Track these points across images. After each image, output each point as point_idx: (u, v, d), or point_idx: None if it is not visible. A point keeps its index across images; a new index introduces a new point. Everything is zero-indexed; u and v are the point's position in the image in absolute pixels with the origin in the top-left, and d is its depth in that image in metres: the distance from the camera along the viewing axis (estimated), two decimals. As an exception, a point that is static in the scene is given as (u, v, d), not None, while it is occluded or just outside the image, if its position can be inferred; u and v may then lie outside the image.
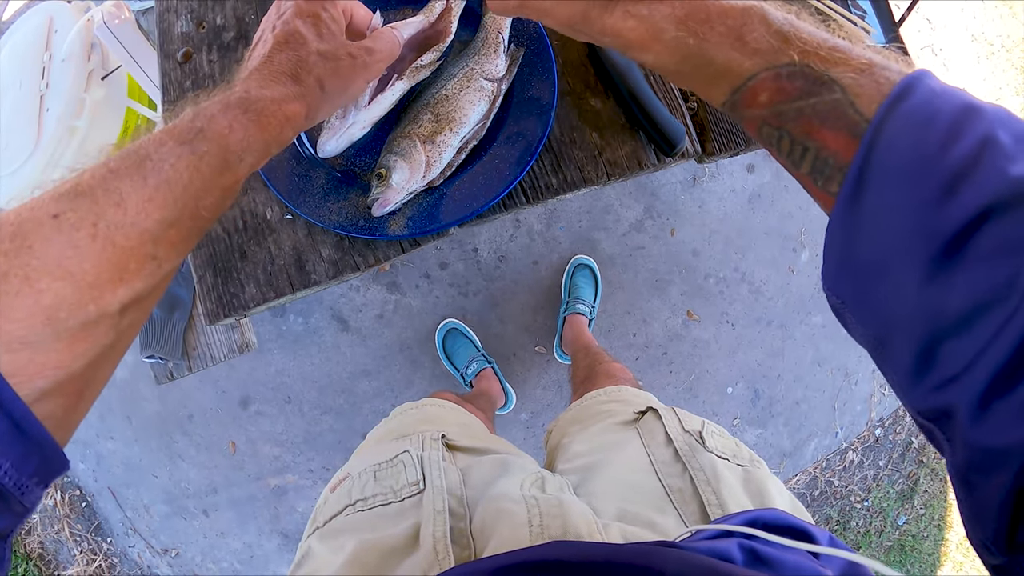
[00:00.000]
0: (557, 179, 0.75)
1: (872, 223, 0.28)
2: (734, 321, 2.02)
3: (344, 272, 0.74)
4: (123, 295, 0.35)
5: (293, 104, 0.47)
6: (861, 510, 2.11)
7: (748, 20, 0.34)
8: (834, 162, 0.31)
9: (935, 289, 0.26)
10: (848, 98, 0.30)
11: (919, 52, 2.27)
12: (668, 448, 0.64)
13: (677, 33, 0.36)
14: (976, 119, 0.27)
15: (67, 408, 0.34)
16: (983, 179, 0.25)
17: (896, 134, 0.28)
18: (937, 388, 0.28)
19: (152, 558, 1.98)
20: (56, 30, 1.29)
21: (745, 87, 0.34)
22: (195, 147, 0.39)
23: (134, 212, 0.35)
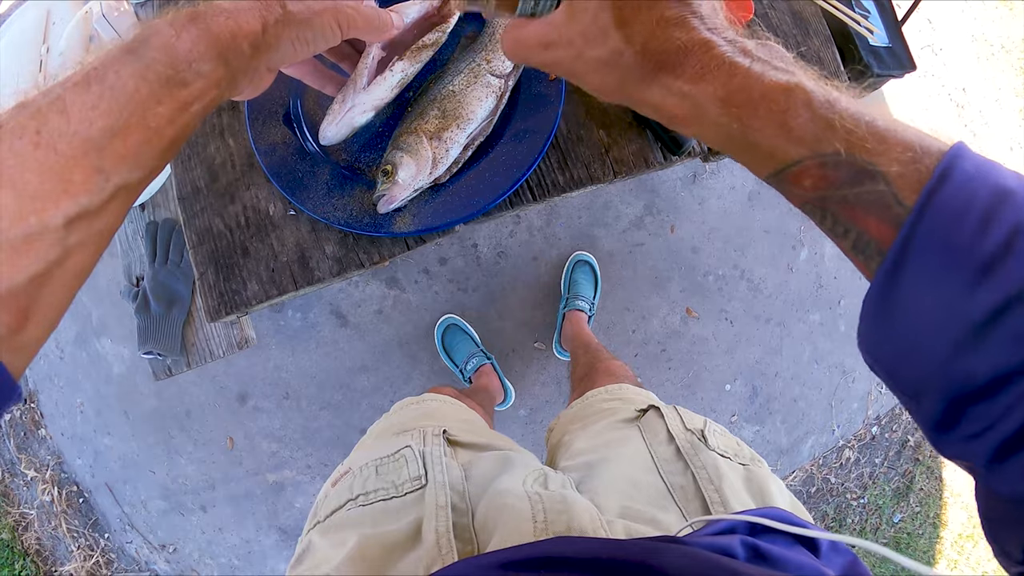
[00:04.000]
0: (564, 177, 0.75)
1: (907, 303, 0.30)
2: (733, 318, 2.02)
3: (348, 269, 0.73)
4: (67, 208, 0.34)
5: (246, 14, 0.45)
6: (857, 507, 2.12)
7: (791, 104, 0.33)
8: (875, 246, 0.32)
9: (961, 363, 0.29)
10: (892, 190, 0.30)
11: (920, 51, 2.27)
12: (670, 446, 0.64)
13: (719, 116, 0.35)
14: (1007, 206, 0.28)
15: (10, 326, 0.33)
16: (1011, 270, 0.27)
17: (932, 223, 0.29)
18: (961, 441, 0.31)
19: (150, 554, 1.97)
20: (54, 22, 1.27)
21: (788, 170, 0.34)
22: (140, 55, 0.38)
23: (77, 120, 0.34)
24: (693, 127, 0.38)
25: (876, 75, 1.19)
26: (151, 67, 0.38)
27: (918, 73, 2.24)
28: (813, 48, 0.86)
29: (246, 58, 0.45)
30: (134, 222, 1.49)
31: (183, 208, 0.78)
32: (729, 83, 0.34)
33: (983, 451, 0.30)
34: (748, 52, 0.35)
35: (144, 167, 0.39)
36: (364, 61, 0.64)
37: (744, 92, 0.34)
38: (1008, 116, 2.36)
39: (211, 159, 0.78)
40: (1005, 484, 0.30)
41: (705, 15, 0.36)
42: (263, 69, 0.49)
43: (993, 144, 2.32)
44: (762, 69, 0.34)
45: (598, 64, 0.39)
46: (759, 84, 0.34)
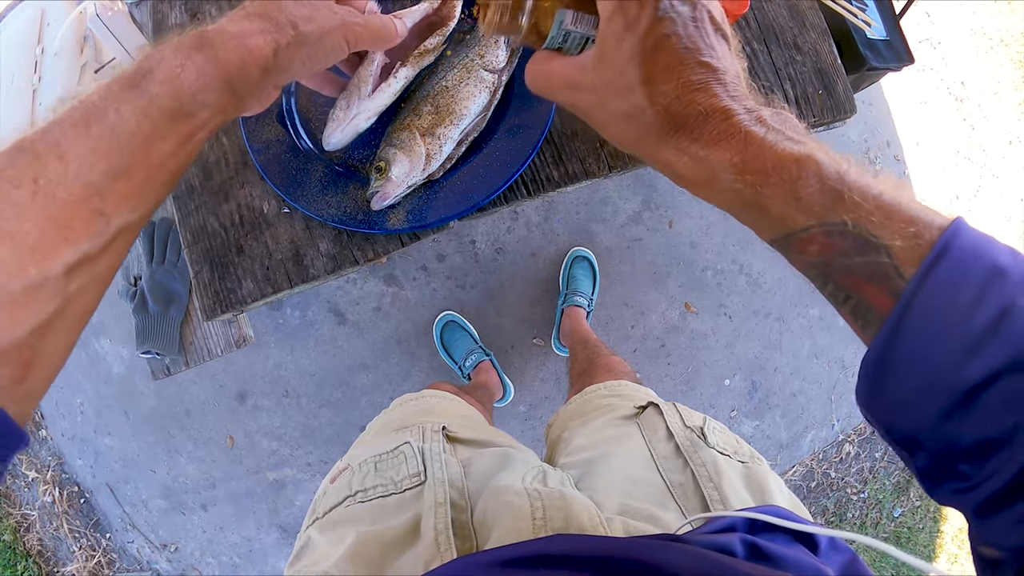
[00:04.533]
0: (558, 172, 0.75)
1: (901, 369, 0.32)
2: (732, 313, 2.02)
3: (343, 266, 0.73)
4: (68, 256, 0.33)
5: (257, 38, 0.43)
6: (857, 502, 2.12)
7: (803, 174, 0.34)
8: (875, 312, 0.33)
9: (950, 427, 0.31)
10: (893, 263, 0.32)
11: (918, 45, 2.26)
12: (669, 443, 0.64)
13: (732, 183, 0.35)
14: (999, 286, 0.30)
15: (13, 378, 0.33)
16: (999, 345, 0.29)
17: (929, 298, 0.31)
18: (951, 493, 0.33)
19: (151, 553, 1.98)
20: (48, 23, 1.27)
21: (795, 237, 0.35)
22: (143, 89, 0.37)
23: (76, 164, 0.34)
24: (704, 190, 0.38)
25: (874, 68, 1.18)
26: (154, 102, 0.37)
27: (917, 67, 2.24)
28: (809, 41, 0.86)
29: (255, 83, 0.44)
30: (131, 221, 1.49)
31: (177, 207, 0.78)
32: (745, 151, 0.35)
33: (970, 505, 0.32)
34: (764, 121, 0.36)
35: (146, 204, 0.39)
36: (367, 68, 0.63)
37: (758, 160, 0.34)
38: (1007, 110, 2.35)
39: (205, 157, 0.78)
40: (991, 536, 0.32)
41: (728, 83, 0.36)
42: (271, 88, 0.49)
43: (992, 138, 2.31)
44: (776, 139, 0.35)
45: (619, 116, 0.39)
46: (772, 153, 0.34)
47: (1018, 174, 2.32)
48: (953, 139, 2.29)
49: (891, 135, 2.20)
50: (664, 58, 0.36)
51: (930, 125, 2.26)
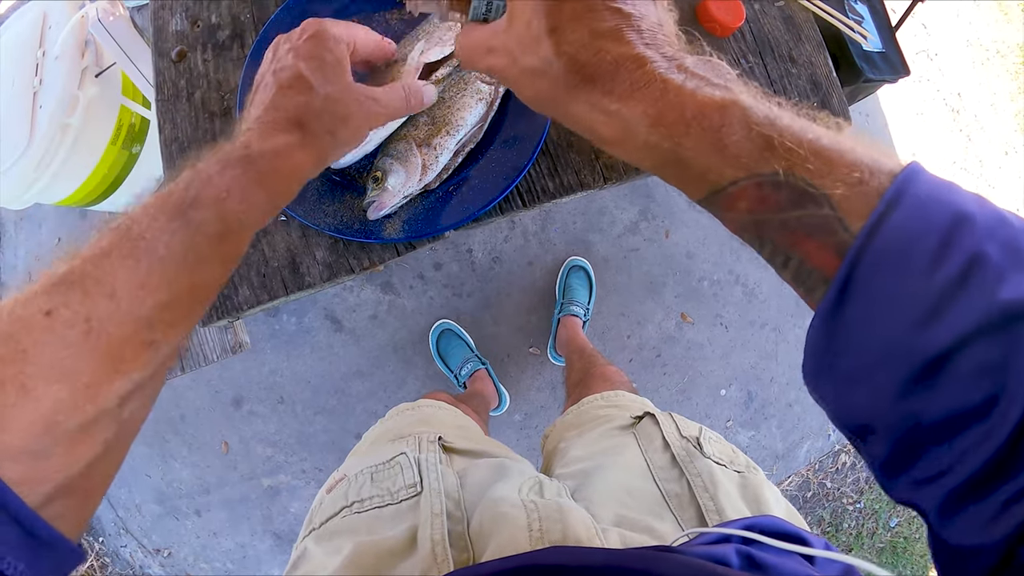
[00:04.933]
0: (554, 183, 0.75)
1: (853, 337, 0.28)
2: (728, 324, 2.02)
3: (339, 275, 0.73)
4: (121, 387, 0.34)
5: (299, 153, 0.45)
6: (853, 512, 2.12)
7: (727, 120, 0.30)
8: (818, 275, 0.30)
9: (913, 402, 0.27)
10: (837, 215, 0.28)
11: (914, 56, 2.28)
12: (666, 453, 0.64)
13: (649, 136, 0.32)
14: (965, 232, 0.26)
15: (76, 506, 0.34)
16: (970, 303, 0.25)
17: (882, 252, 0.27)
18: (911, 486, 0.29)
19: (144, 558, 1.96)
20: (50, 26, 1.28)
21: (724, 192, 0.32)
22: (189, 218, 0.37)
23: (127, 301, 0.34)
24: (622, 148, 0.35)
25: (870, 80, 1.19)
26: (200, 229, 0.38)
27: (913, 78, 2.25)
28: (805, 53, 0.86)
29: (294, 194, 0.46)
30: (129, 226, 1.49)
31: (175, 213, 0.78)
32: (660, 101, 0.32)
33: (933, 498, 0.28)
34: (685, 69, 0.33)
35: (192, 323, 0.39)
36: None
37: (676, 110, 0.31)
38: (1003, 120, 2.36)
39: (203, 164, 0.78)
40: (956, 535, 0.27)
41: (644, 29, 0.33)
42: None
43: (988, 149, 2.32)
44: (696, 86, 0.32)
45: (530, 72, 0.36)
46: (692, 101, 0.31)
47: (1014, 185, 2.33)
48: (950, 150, 2.30)
49: (888, 146, 2.21)
50: (571, 6, 0.33)
51: (927, 136, 2.27)
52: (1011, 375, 0.24)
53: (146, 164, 1.41)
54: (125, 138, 1.34)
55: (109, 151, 1.31)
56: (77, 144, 1.24)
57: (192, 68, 0.81)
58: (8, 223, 2.10)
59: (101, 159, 1.31)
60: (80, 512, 0.34)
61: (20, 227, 2.08)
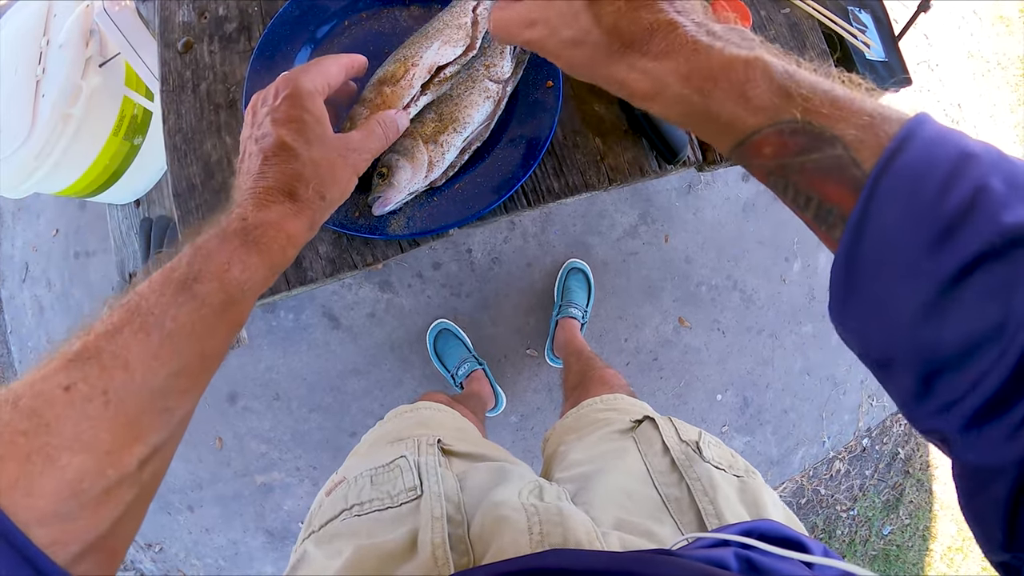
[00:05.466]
0: (559, 183, 0.75)
1: (872, 268, 0.30)
2: (725, 329, 2.03)
3: (342, 270, 0.73)
4: (140, 452, 0.36)
5: (293, 222, 0.47)
6: (847, 519, 2.12)
7: (751, 76, 0.34)
8: (837, 212, 0.32)
9: (930, 328, 0.28)
10: (849, 154, 0.31)
11: (916, 67, 2.29)
12: (665, 457, 0.64)
13: (681, 90, 0.36)
14: (971, 166, 0.28)
15: (103, 563, 0.36)
16: (975, 228, 0.27)
17: (894, 186, 0.29)
18: (934, 413, 0.31)
19: (136, 553, 1.95)
20: (55, 15, 1.27)
21: (749, 141, 0.35)
22: (195, 292, 0.40)
23: (141, 373, 0.36)
24: (657, 103, 0.39)
25: (872, 89, 1.19)
26: (206, 301, 0.40)
27: (914, 88, 2.26)
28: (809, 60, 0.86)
29: (291, 259, 0.48)
30: (128, 218, 1.49)
31: (178, 205, 0.78)
32: (691, 59, 0.36)
33: (955, 420, 0.29)
34: (712, 32, 0.36)
35: (203, 387, 0.42)
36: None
37: (705, 67, 0.35)
38: (1003, 132, 2.38)
39: (207, 156, 0.78)
40: (978, 454, 0.29)
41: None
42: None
43: (986, 161, 2.33)
44: (723, 45, 0.35)
45: (570, 42, 0.40)
46: (719, 58, 0.35)
47: (1012, 198, 2.34)
48: (949, 162, 2.31)
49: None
50: None
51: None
52: (1016, 297, 0.26)
53: (148, 155, 1.40)
54: (127, 129, 1.34)
55: (111, 142, 1.31)
56: (79, 134, 1.24)
57: (198, 59, 0.81)
58: (6, 213, 2.09)
59: (102, 150, 1.30)
60: (106, 568, 0.36)
61: (18, 217, 2.07)
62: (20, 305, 2.05)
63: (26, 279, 2.05)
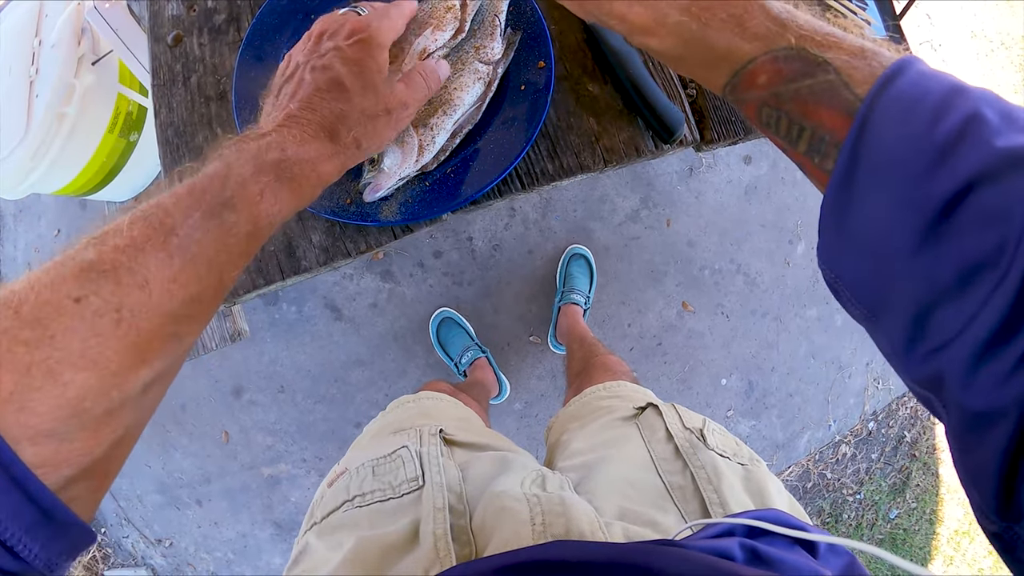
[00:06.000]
0: (553, 165, 0.74)
1: (865, 197, 0.30)
2: (729, 313, 2.02)
3: (335, 258, 0.73)
4: (145, 376, 0.35)
5: (328, 164, 0.46)
6: (853, 503, 2.12)
7: (748, 8, 0.35)
8: (830, 139, 0.32)
9: (926, 258, 0.28)
10: (842, 79, 0.31)
11: (918, 47, 2.26)
12: (669, 445, 0.64)
13: (680, 18, 0.37)
14: (963, 98, 0.28)
15: (93, 489, 0.34)
16: (969, 151, 0.27)
17: (887, 111, 0.29)
18: (930, 354, 0.29)
19: (146, 548, 1.97)
20: (47, 15, 1.27)
21: (745, 70, 0.36)
22: (224, 219, 0.38)
23: (158, 294, 0.35)
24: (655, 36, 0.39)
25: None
26: (232, 230, 0.39)
27: (916, 67, 2.24)
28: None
29: (316, 196, 0.47)
30: (127, 215, 1.49)
31: (171, 198, 0.77)
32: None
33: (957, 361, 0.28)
34: None
35: (211, 317, 0.41)
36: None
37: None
38: (1007, 111, 2.35)
39: (199, 148, 0.78)
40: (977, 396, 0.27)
41: None
42: None
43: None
44: None
45: None
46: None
47: (1018, 176, 2.32)
48: (953, 141, 2.29)
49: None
50: None
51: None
52: (1013, 222, 0.25)
53: (144, 151, 1.40)
54: (122, 126, 1.34)
55: (106, 139, 1.31)
56: (74, 133, 1.24)
57: (188, 52, 0.80)
58: (7, 215, 2.10)
59: (98, 147, 1.30)
60: (96, 494, 0.35)
61: (19, 219, 2.08)
62: (24, 305, 2.06)
63: (29, 279, 2.05)
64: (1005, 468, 0.26)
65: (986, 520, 0.29)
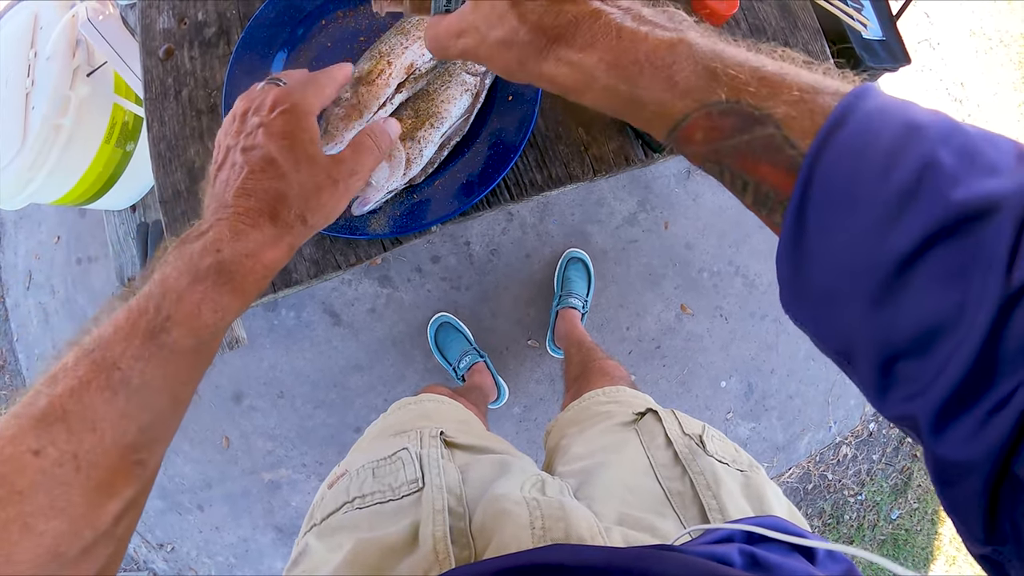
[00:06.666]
0: (542, 175, 0.75)
1: (817, 253, 0.29)
2: (728, 315, 2.02)
3: (326, 271, 0.73)
4: (115, 509, 0.36)
5: (272, 251, 0.43)
6: (855, 504, 2.12)
7: (675, 59, 0.33)
8: (775, 195, 0.31)
9: (884, 314, 0.27)
10: (782, 133, 0.29)
11: (916, 46, 2.25)
12: (668, 451, 0.64)
13: (608, 80, 0.35)
14: (916, 140, 0.27)
15: None
16: (924, 206, 0.25)
17: (833, 165, 0.28)
18: (901, 400, 0.28)
19: (148, 553, 1.98)
20: (41, 27, 1.27)
21: (680, 127, 0.34)
22: (162, 342, 0.37)
23: (111, 433, 0.35)
24: (587, 95, 0.38)
25: (869, 68, 1.18)
26: (176, 349, 0.38)
27: (916, 68, 2.23)
28: (801, 41, 0.85)
29: (263, 288, 0.45)
30: (125, 223, 1.49)
31: (165, 212, 0.78)
32: (616, 46, 0.35)
33: (925, 414, 0.27)
34: (640, 17, 0.35)
35: (174, 432, 0.41)
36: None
37: (630, 54, 0.34)
38: (1007, 110, 2.34)
39: (191, 162, 0.78)
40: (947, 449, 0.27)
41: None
42: None
43: (991, 138, 2.30)
44: (648, 30, 0.34)
45: (499, 45, 0.40)
46: (644, 44, 0.34)
47: (1018, 175, 2.31)
48: (952, 140, 2.27)
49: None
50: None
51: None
52: (973, 280, 0.24)
53: (141, 161, 1.41)
54: (119, 136, 1.34)
55: (103, 150, 1.31)
56: (70, 144, 1.24)
57: (179, 66, 0.81)
58: (8, 223, 2.11)
59: (95, 158, 1.31)
60: None
61: (19, 226, 2.09)
62: (25, 313, 2.07)
63: (30, 287, 2.06)
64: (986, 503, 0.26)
65: (973, 544, 0.28)
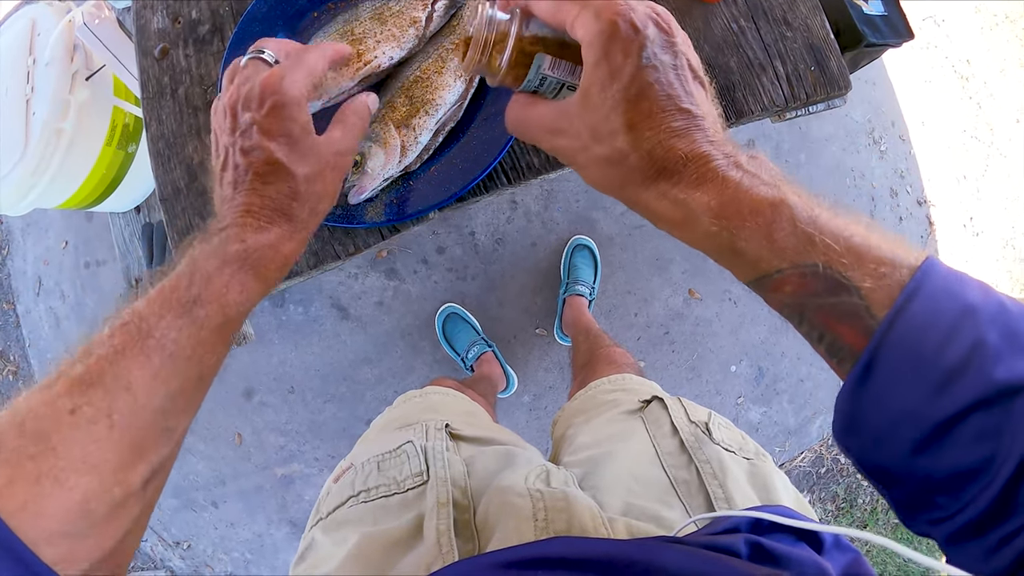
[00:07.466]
0: (539, 158, 0.74)
1: (875, 403, 0.33)
2: (736, 299, 2.00)
3: (325, 261, 0.73)
4: (144, 471, 0.38)
5: (289, 243, 0.47)
6: (868, 487, 2.10)
7: (777, 219, 0.35)
8: (848, 350, 0.34)
9: (925, 459, 0.32)
10: (864, 303, 0.33)
11: (921, 23, 2.22)
12: (674, 439, 0.64)
13: (710, 225, 0.37)
14: (970, 322, 0.31)
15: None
16: (970, 381, 0.30)
17: (900, 337, 0.32)
18: (927, 523, 0.35)
19: (164, 551, 2.00)
20: (39, 33, 1.28)
21: (771, 278, 0.36)
22: (194, 315, 0.41)
23: (144, 394, 0.37)
24: (684, 231, 0.39)
25: (872, 44, 1.16)
26: (204, 324, 0.41)
27: (921, 45, 2.20)
28: (800, 16, 0.83)
29: (284, 274, 0.49)
30: (130, 225, 1.50)
31: (165, 209, 0.78)
32: (722, 195, 0.36)
33: (945, 533, 0.34)
34: (740, 166, 0.37)
35: (199, 404, 0.44)
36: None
37: (734, 204, 0.36)
38: (1013, 87, 2.31)
39: (189, 159, 0.78)
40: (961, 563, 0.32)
41: (707, 128, 0.37)
42: None
43: (998, 115, 2.27)
44: (751, 183, 0.36)
45: (602, 160, 0.39)
46: (748, 198, 0.36)
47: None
48: (959, 118, 2.25)
49: (896, 115, 2.16)
50: (647, 105, 0.37)
51: (935, 104, 2.22)
52: (1003, 440, 0.30)
53: (143, 162, 1.41)
54: (120, 138, 1.35)
55: (105, 152, 1.32)
56: (72, 148, 1.25)
57: (175, 64, 0.81)
58: (15, 230, 2.13)
59: (97, 161, 1.31)
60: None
61: (27, 233, 2.11)
62: (36, 318, 2.09)
63: (40, 292, 2.08)
64: None
65: None
